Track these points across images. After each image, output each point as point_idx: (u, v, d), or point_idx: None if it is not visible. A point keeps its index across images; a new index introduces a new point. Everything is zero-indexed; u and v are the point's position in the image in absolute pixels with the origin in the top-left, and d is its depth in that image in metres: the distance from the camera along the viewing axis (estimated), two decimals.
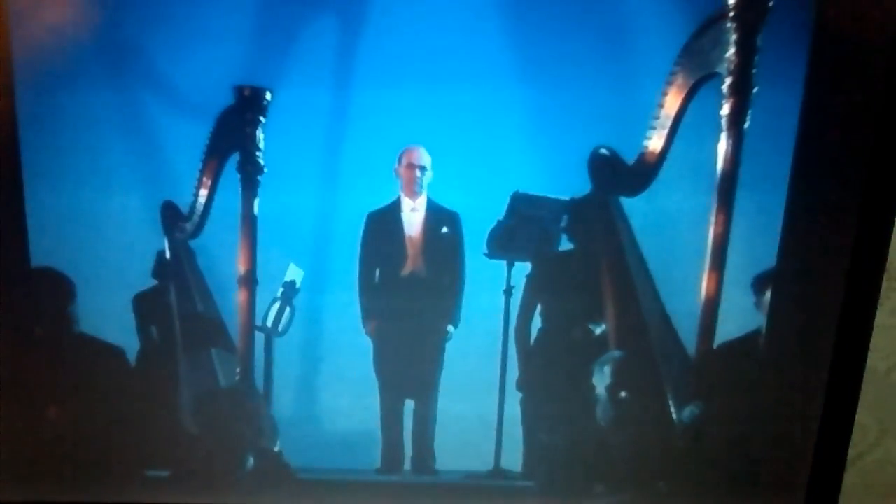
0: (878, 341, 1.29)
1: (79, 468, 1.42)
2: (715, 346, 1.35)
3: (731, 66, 1.22)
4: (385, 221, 1.38)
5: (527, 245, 1.38)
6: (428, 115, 1.27)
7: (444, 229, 1.39)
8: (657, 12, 1.22)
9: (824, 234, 1.26)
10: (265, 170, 1.34)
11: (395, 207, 1.39)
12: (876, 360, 1.31)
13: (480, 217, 1.34)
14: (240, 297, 1.39)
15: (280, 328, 1.42)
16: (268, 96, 1.28)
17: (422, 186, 1.37)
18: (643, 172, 1.30)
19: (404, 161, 1.34)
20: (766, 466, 1.39)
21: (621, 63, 1.24)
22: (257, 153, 1.33)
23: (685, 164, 1.29)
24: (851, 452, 1.36)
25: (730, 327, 1.34)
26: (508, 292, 1.40)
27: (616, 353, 1.40)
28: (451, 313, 1.41)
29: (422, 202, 1.39)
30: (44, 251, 1.32)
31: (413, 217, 1.40)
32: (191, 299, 1.42)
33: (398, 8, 1.22)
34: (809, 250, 1.27)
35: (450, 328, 1.41)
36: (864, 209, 1.22)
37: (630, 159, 1.30)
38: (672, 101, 1.26)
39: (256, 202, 1.35)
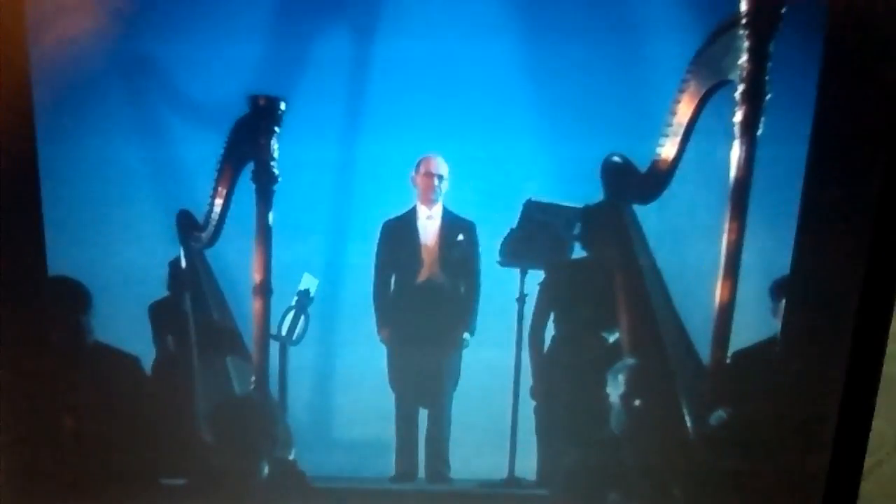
0: (894, 348, 1.28)
1: (94, 476, 1.42)
2: (730, 353, 1.34)
3: (744, 74, 1.22)
4: (401, 229, 1.39)
5: (540, 253, 1.38)
6: (441, 124, 1.28)
7: (460, 237, 1.39)
8: (669, 20, 1.22)
9: (839, 240, 1.25)
10: (279, 179, 1.35)
11: (412, 215, 1.40)
12: (892, 366, 1.30)
13: (494, 225, 1.35)
14: (255, 305, 1.40)
15: (295, 337, 1.42)
16: (282, 106, 1.29)
17: (438, 195, 1.37)
18: (656, 180, 1.30)
19: (422, 170, 1.35)
20: (781, 475, 1.38)
21: (634, 71, 1.24)
22: (272, 162, 1.34)
23: (698, 171, 1.29)
24: (868, 461, 1.34)
25: (745, 335, 1.33)
26: (522, 300, 1.40)
27: (630, 361, 1.39)
28: (468, 321, 1.41)
29: (438, 210, 1.39)
30: (60, 260, 1.32)
31: (429, 225, 1.41)
32: (206, 308, 1.42)
33: (412, 18, 1.23)
34: (824, 257, 1.27)
35: (466, 336, 1.41)
36: (878, 215, 1.22)
37: (643, 167, 1.30)
38: (685, 109, 1.26)
39: (271, 211, 1.36)
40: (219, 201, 1.36)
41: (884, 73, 1.17)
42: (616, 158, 1.30)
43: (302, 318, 1.41)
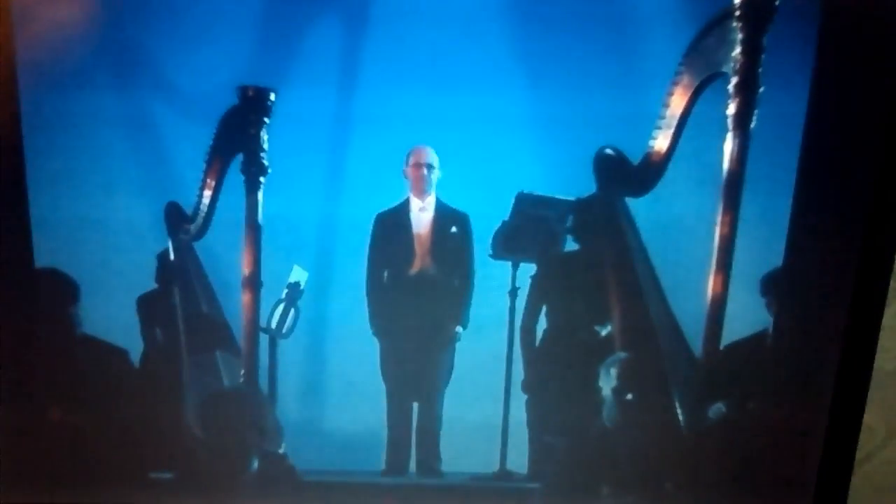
0: (885, 342, 1.28)
1: (82, 470, 1.42)
2: (722, 347, 1.34)
3: (738, 66, 1.22)
4: (394, 221, 1.38)
5: (532, 246, 1.37)
6: (434, 116, 1.27)
7: (454, 229, 1.39)
8: (663, 12, 1.22)
9: (831, 234, 1.25)
10: (269, 171, 1.34)
11: (404, 207, 1.39)
12: (883, 360, 1.30)
13: (486, 218, 1.34)
14: (244, 298, 1.39)
15: (284, 330, 1.41)
16: (272, 97, 1.28)
17: (430, 185, 1.36)
18: (649, 173, 1.30)
19: (411, 160, 1.34)
20: (773, 468, 1.38)
21: (627, 63, 1.24)
22: (261, 154, 1.33)
23: (691, 164, 1.29)
24: (859, 454, 1.35)
25: (737, 328, 1.33)
26: (514, 293, 1.40)
27: (622, 355, 1.39)
28: (460, 314, 1.41)
29: (430, 202, 1.39)
30: (48, 252, 1.32)
31: (422, 217, 1.40)
32: (195, 301, 1.42)
33: (403, 9, 1.22)
34: (816, 251, 1.27)
35: (458, 329, 1.41)
36: (871, 209, 1.22)
37: (636, 160, 1.30)
38: (678, 101, 1.26)
39: (260, 203, 1.35)
40: (207, 193, 1.35)
41: (878, 66, 1.17)
42: (608, 151, 1.29)
43: (292, 310, 1.40)
